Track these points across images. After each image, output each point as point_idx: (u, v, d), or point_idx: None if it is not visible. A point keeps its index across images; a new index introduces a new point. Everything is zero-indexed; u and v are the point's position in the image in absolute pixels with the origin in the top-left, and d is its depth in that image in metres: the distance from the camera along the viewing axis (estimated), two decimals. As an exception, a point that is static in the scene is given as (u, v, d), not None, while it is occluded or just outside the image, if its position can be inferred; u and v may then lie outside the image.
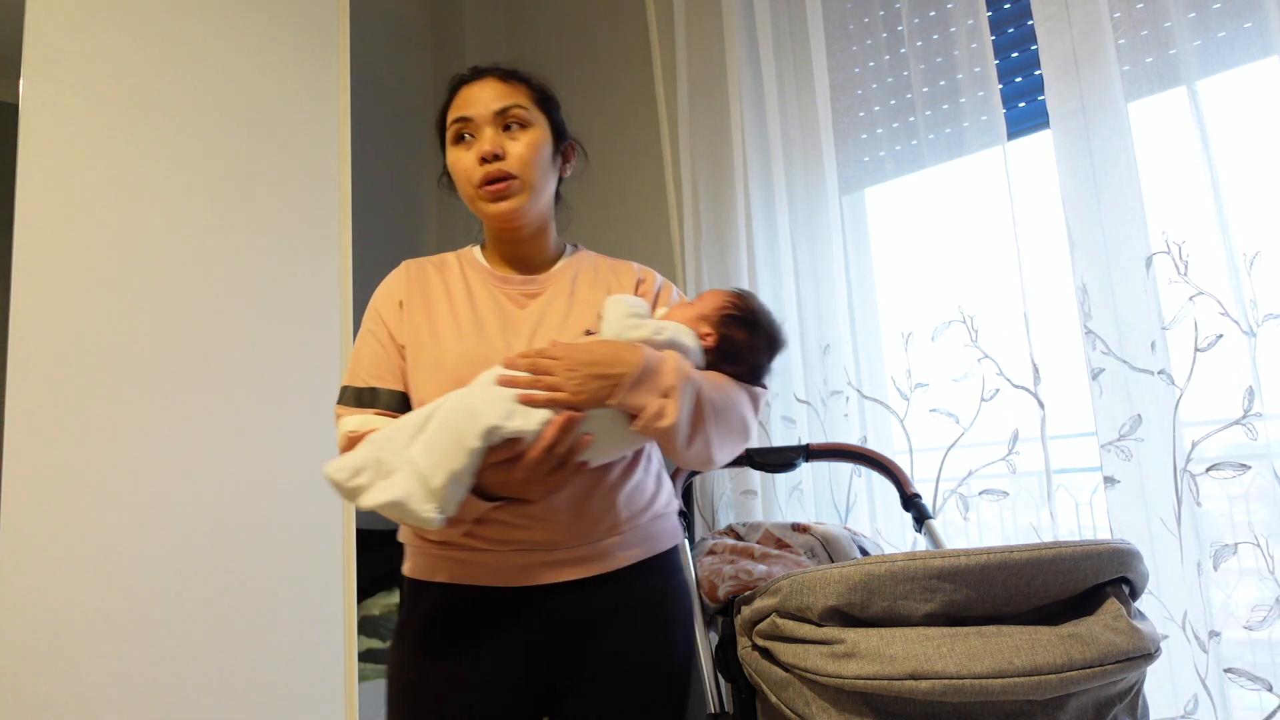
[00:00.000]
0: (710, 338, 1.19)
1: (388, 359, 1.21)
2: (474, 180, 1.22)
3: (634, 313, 1.15)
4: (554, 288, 1.27)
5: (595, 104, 2.75)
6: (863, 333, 1.94)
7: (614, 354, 1.08)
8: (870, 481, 1.88)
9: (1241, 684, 1.35)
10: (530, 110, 1.25)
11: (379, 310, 1.25)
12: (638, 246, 2.58)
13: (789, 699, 1.00)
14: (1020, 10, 1.80)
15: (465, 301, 1.24)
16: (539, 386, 1.05)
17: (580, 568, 1.16)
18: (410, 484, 1.01)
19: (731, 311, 1.22)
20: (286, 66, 1.95)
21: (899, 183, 1.96)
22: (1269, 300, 1.38)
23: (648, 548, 1.22)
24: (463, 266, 1.30)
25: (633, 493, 1.21)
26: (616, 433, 1.10)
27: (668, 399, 1.06)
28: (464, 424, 1.02)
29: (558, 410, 1.04)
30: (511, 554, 1.15)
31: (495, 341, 1.20)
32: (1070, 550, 0.92)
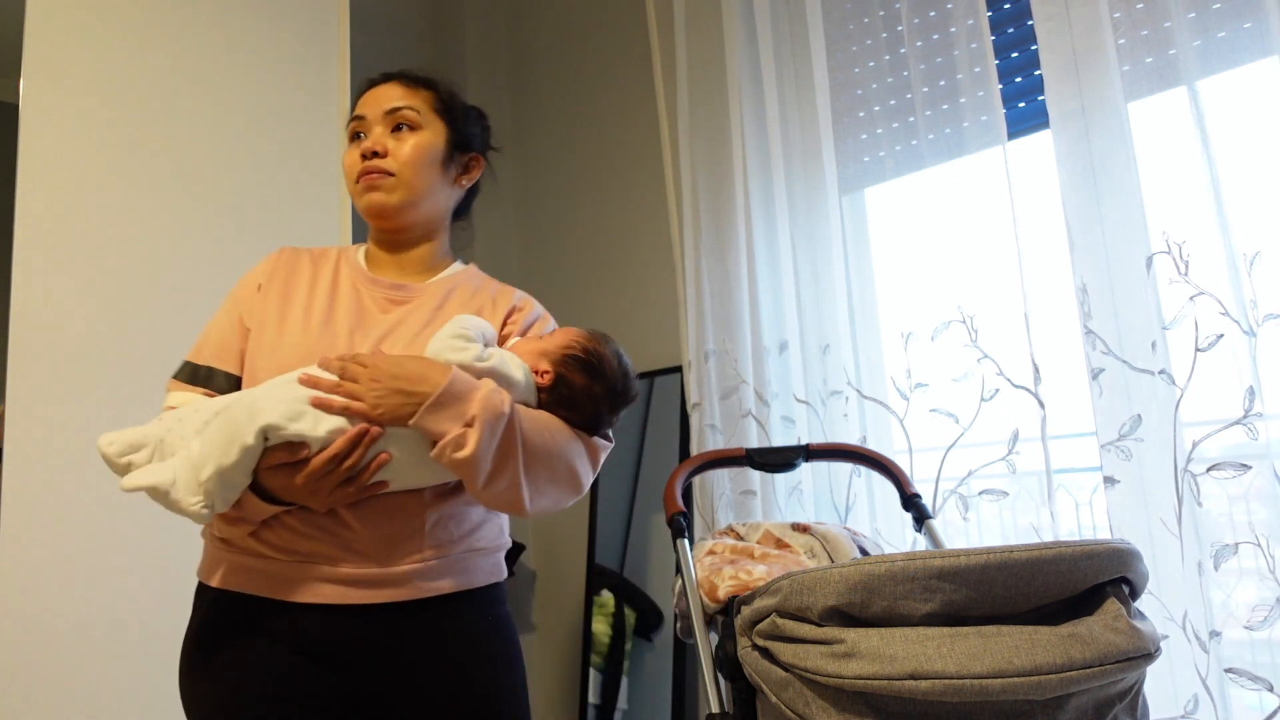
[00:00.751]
0: (547, 376, 1.12)
1: (232, 340, 1.17)
2: (353, 174, 1.22)
3: (461, 334, 1.08)
4: (423, 299, 1.21)
5: (595, 104, 2.75)
6: (863, 333, 1.94)
7: (422, 371, 1.01)
8: (870, 481, 1.88)
9: (1242, 684, 1.35)
10: (424, 114, 1.24)
11: (237, 290, 1.23)
12: (638, 247, 2.58)
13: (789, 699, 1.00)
14: (1020, 10, 1.80)
15: (326, 295, 1.19)
16: (340, 392, 1.00)
17: (371, 592, 1.06)
18: (180, 472, 0.97)
19: (576, 353, 1.14)
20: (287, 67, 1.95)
21: (899, 183, 1.96)
22: (1269, 300, 1.38)
23: (457, 581, 1.12)
24: (339, 261, 1.26)
25: (444, 520, 1.11)
26: (420, 458, 1.02)
27: (470, 429, 0.99)
28: (242, 419, 0.97)
29: (354, 421, 0.99)
30: (293, 564, 1.05)
31: (339, 340, 1.14)
32: (1070, 550, 0.92)
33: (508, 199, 3.04)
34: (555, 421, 1.12)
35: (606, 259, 2.68)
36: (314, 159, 1.96)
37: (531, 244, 2.96)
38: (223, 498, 0.98)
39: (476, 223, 1.38)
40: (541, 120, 2.96)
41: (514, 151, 3.06)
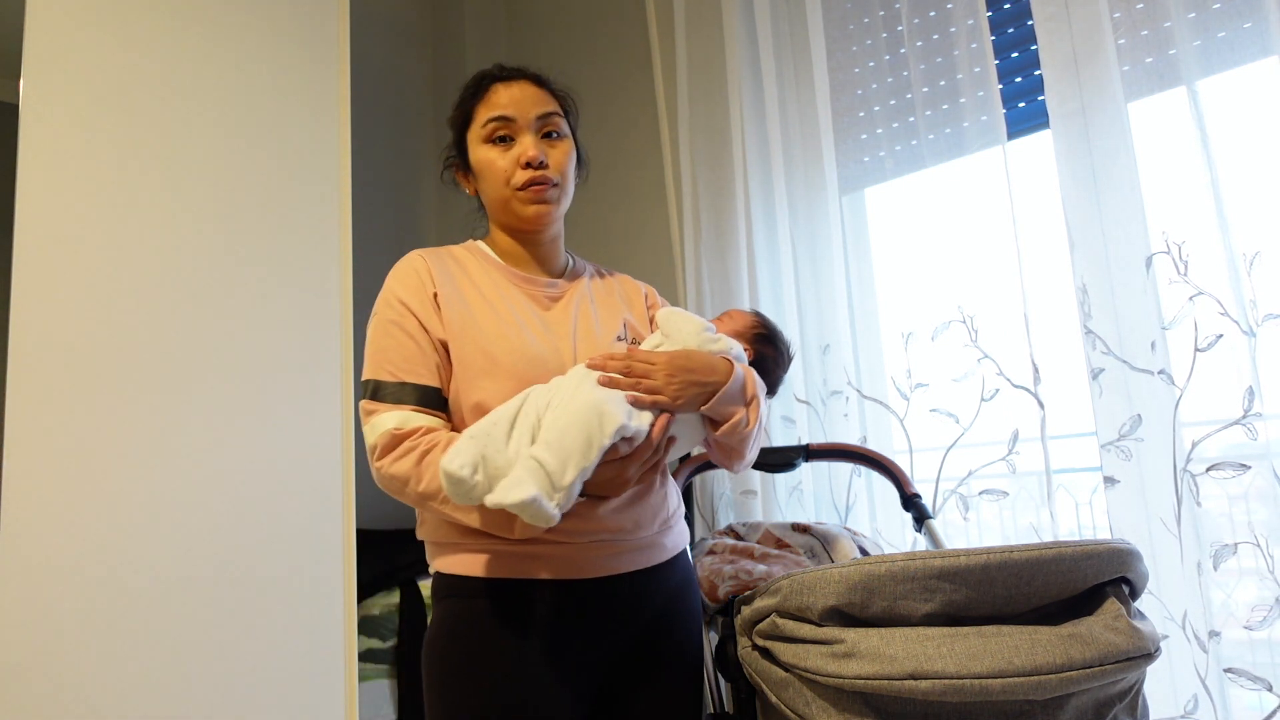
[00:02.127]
0: (748, 352, 1.30)
1: (420, 352, 1.17)
2: (515, 182, 1.23)
3: (707, 327, 1.22)
4: (574, 293, 1.30)
5: (596, 104, 2.75)
6: (863, 333, 1.94)
7: (709, 364, 1.15)
8: (870, 481, 1.88)
9: (1241, 684, 1.35)
10: (564, 121, 1.31)
11: (404, 300, 1.19)
12: (638, 247, 2.58)
13: (789, 699, 1.00)
14: (1020, 10, 1.80)
15: (498, 297, 1.23)
16: (641, 389, 1.10)
17: (644, 556, 1.20)
18: (539, 481, 1.01)
19: (761, 330, 1.35)
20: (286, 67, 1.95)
21: (899, 183, 1.96)
22: (1269, 300, 1.38)
23: (681, 541, 1.29)
24: (479, 262, 1.28)
25: (670, 491, 1.29)
26: (691, 435, 1.17)
27: (750, 409, 1.16)
28: (594, 422, 1.04)
29: (655, 412, 1.10)
30: (590, 545, 1.16)
31: (542, 341, 1.21)
32: (1070, 550, 0.92)
33: (508, 199, 3.03)
34: None
35: (607, 258, 2.67)
36: (314, 159, 1.95)
37: (531, 244, 2.95)
38: (574, 497, 1.04)
39: (476, 222, 1.38)
40: (541, 120, 2.96)
41: (514, 151, 3.05)
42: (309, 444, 1.81)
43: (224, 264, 1.79)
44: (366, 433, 1.15)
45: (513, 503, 0.99)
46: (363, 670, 2.02)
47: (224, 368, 1.75)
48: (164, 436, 1.67)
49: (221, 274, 1.79)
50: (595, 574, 1.16)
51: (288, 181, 1.91)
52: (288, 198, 1.90)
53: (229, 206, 1.82)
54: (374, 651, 2.13)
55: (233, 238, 1.82)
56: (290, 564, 1.75)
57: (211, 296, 1.77)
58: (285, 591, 1.74)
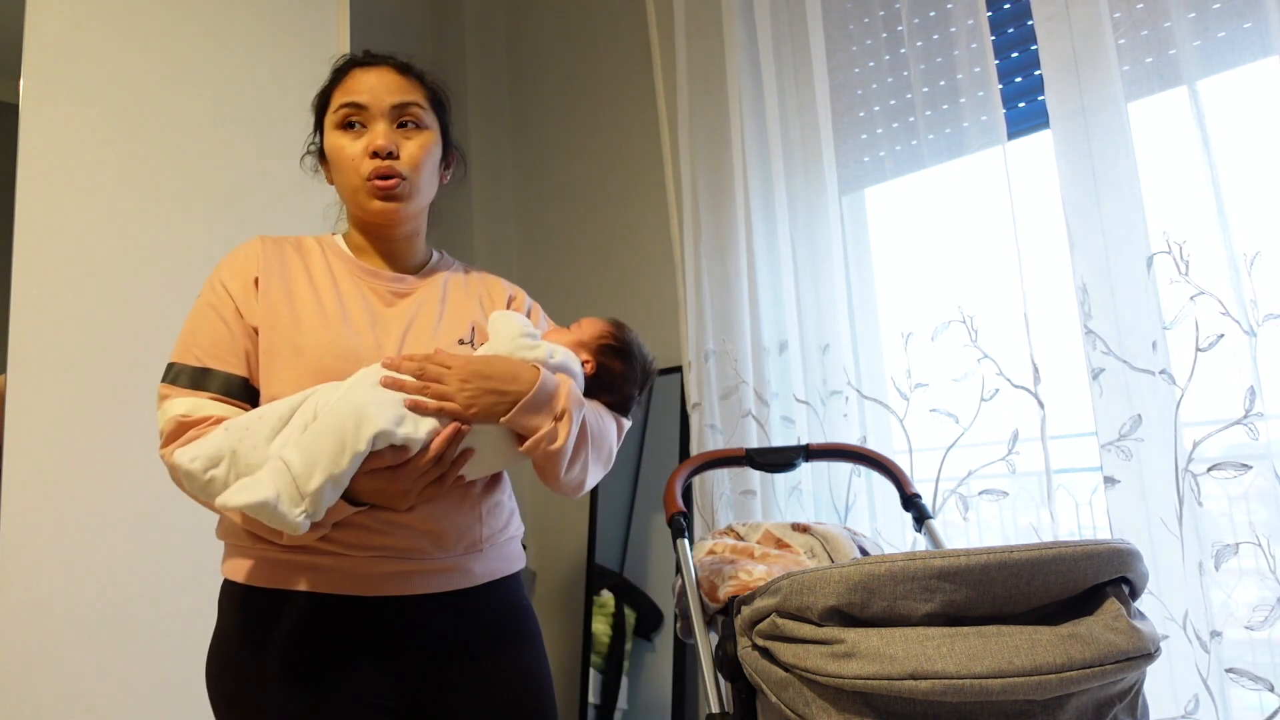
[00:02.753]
0: (589, 365, 1.20)
1: (230, 338, 1.11)
2: (362, 172, 1.15)
3: (526, 331, 1.14)
4: (424, 291, 1.23)
5: (595, 104, 2.75)
6: (863, 333, 1.94)
7: (512, 371, 1.06)
8: (870, 481, 1.88)
9: (1242, 684, 1.35)
10: (426, 111, 1.21)
11: (225, 284, 1.14)
12: (638, 247, 2.58)
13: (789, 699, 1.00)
14: (1020, 10, 1.80)
15: (330, 289, 1.17)
16: (429, 393, 1.01)
17: (442, 580, 1.12)
18: (280, 484, 0.93)
19: (610, 341, 1.23)
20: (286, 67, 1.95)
21: (899, 183, 1.96)
22: (1270, 300, 1.38)
23: (502, 567, 1.20)
24: (325, 253, 1.22)
25: (494, 510, 1.19)
26: (497, 450, 1.07)
27: (559, 423, 1.06)
28: (349, 426, 0.96)
29: (444, 421, 1.01)
30: (371, 560, 1.08)
31: (364, 336, 1.13)
32: (1070, 550, 0.92)
33: (508, 198, 3.04)
34: (600, 405, 1.20)
35: (607, 259, 2.68)
36: (314, 159, 1.96)
37: (532, 244, 2.96)
38: (325, 506, 0.96)
39: (476, 222, 1.39)
40: (542, 120, 2.96)
41: (514, 151, 3.06)
42: (309, 444, 1.81)
43: (224, 264, 1.79)
44: (158, 419, 1.09)
45: (240, 505, 0.91)
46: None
47: (224, 368, 1.75)
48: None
49: (221, 274, 1.79)
50: (366, 591, 1.08)
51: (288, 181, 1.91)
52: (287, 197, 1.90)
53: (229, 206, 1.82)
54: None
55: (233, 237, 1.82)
56: (290, 564, 1.75)
57: (211, 296, 1.77)
58: (285, 592, 1.73)
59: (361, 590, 1.08)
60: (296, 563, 1.08)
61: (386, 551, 1.08)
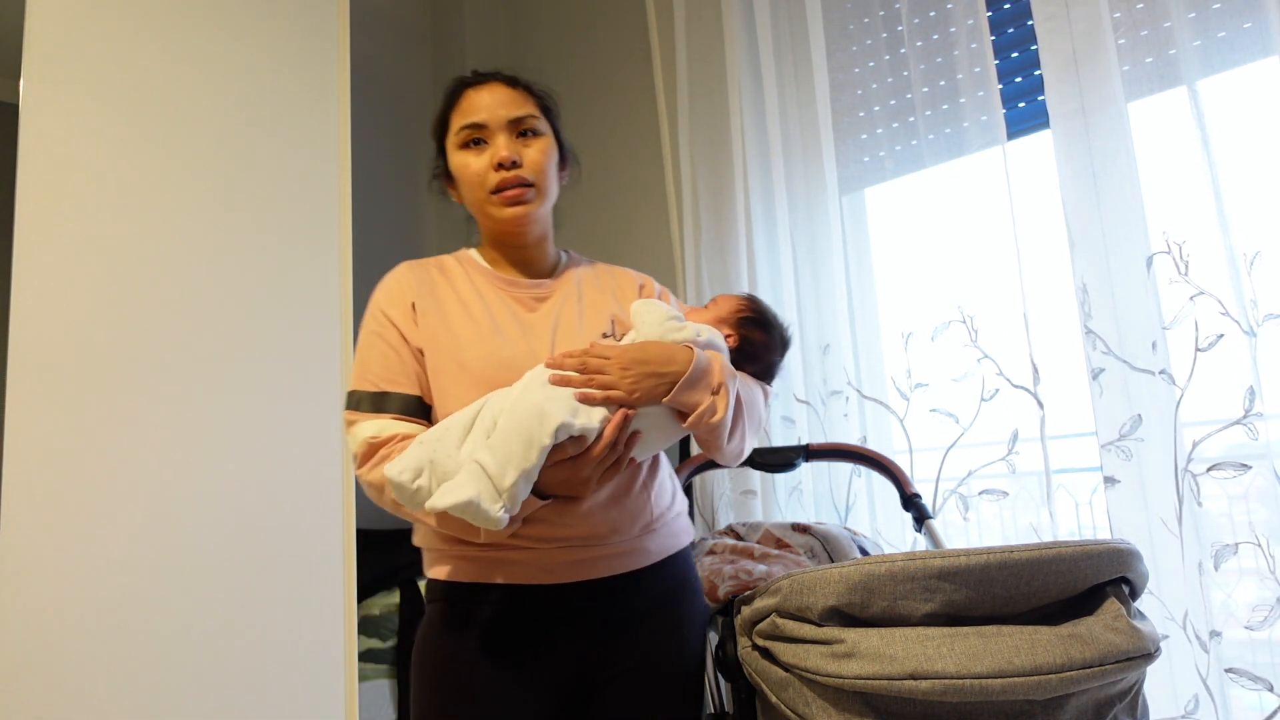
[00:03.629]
0: (732, 338, 1.25)
1: (400, 362, 1.19)
2: (488, 185, 1.22)
3: (672, 315, 1.19)
4: (561, 292, 1.28)
5: (595, 104, 2.75)
6: (863, 333, 1.94)
7: (667, 353, 1.12)
8: (870, 481, 1.88)
9: (1242, 684, 1.35)
10: (540, 120, 1.27)
11: (386, 312, 1.22)
12: (638, 246, 2.58)
13: (789, 699, 1.00)
14: (1020, 10, 1.80)
15: (478, 304, 1.23)
16: (593, 385, 1.07)
17: (622, 562, 1.18)
18: (479, 484, 1.00)
19: (749, 314, 1.29)
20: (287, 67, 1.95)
21: (899, 183, 1.96)
22: (1269, 300, 1.38)
23: (673, 544, 1.25)
24: (465, 270, 1.28)
25: (660, 490, 1.24)
26: (663, 429, 1.13)
27: (718, 396, 1.12)
28: (533, 423, 1.03)
29: (612, 409, 1.07)
30: (559, 550, 1.15)
31: (517, 344, 1.20)
32: (1070, 550, 0.92)
33: (508, 199, 3.03)
34: (747, 377, 1.24)
35: (607, 258, 2.67)
36: (314, 159, 1.95)
37: (531, 244, 2.95)
38: (519, 500, 1.02)
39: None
40: (541, 120, 2.96)
41: (514, 151, 3.05)
42: (309, 444, 1.81)
43: (224, 264, 1.79)
44: (349, 443, 1.17)
45: (447, 506, 0.99)
46: (363, 670, 2.02)
47: (223, 368, 1.75)
48: (164, 436, 1.67)
49: (221, 274, 1.79)
50: (556, 580, 1.15)
51: (288, 181, 1.91)
52: (288, 197, 1.90)
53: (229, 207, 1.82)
54: (374, 651, 2.13)
55: (233, 238, 1.82)
56: (290, 564, 1.75)
57: (211, 297, 1.77)
58: (285, 591, 1.74)
59: (551, 579, 1.15)
60: (492, 559, 1.16)
61: (571, 541, 1.15)
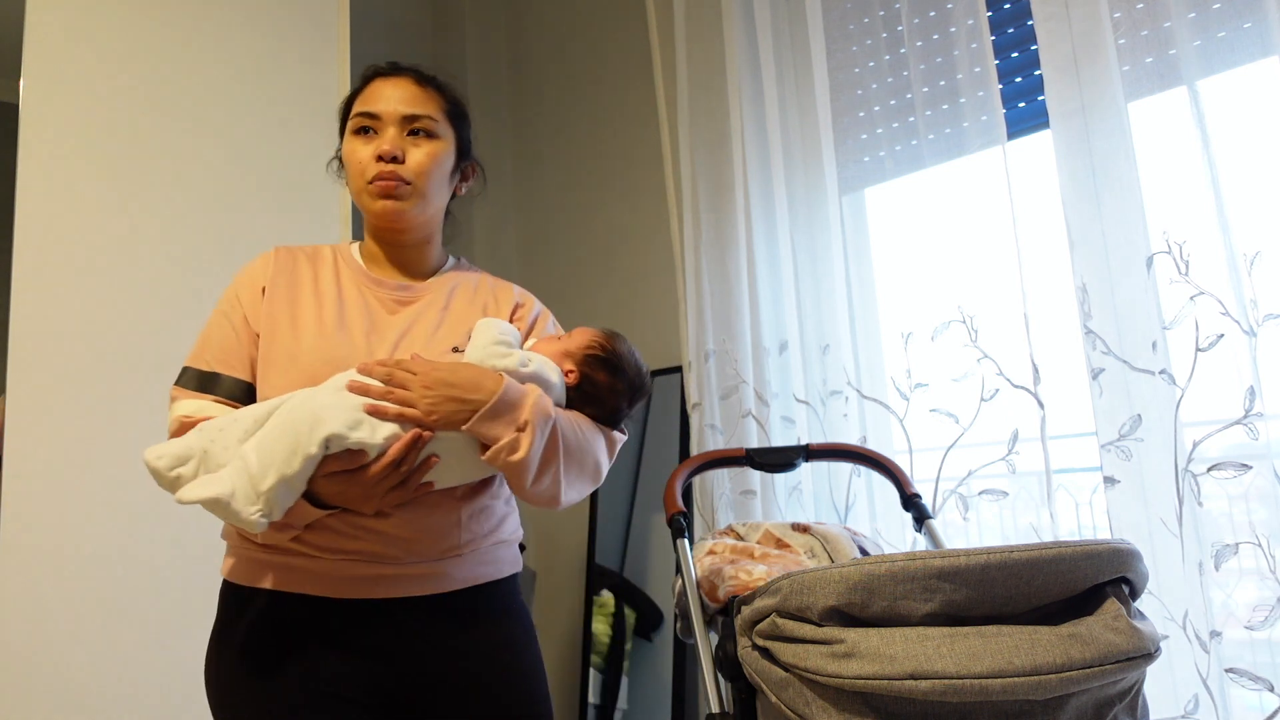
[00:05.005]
0: (573, 375, 1.18)
1: (237, 344, 1.15)
2: (366, 175, 1.19)
3: (502, 340, 1.13)
4: (428, 298, 1.24)
5: (595, 104, 2.75)
6: (863, 333, 1.94)
7: (475, 379, 1.05)
8: (870, 481, 1.88)
9: (1242, 684, 1.35)
10: (439, 123, 1.23)
11: (237, 293, 1.19)
12: (638, 246, 2.58)
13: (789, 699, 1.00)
14: (1020, 10, 1.80)
15: (333, 298, 1.19)
16: (392, 399, 1.02)
17: (414, 585, 1.12)
18: (236, 482, 0.96)
19: (597, 352, 1.21)
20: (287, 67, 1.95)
21: (899, 183, 1.96)
22: (1269, 300, 1.38)
23: (486, 572, 1.18)
24: (337, 261, 1.25)
25: (477, 515, 1.17)
26: (465, 459, 1.07)
27: (522, 433, 1.04)
28: (304, 428, 0.98)
29: (406, 427, 1.01)
30: (341, 563, 1.09)
31: (357, 343, 1.15)
32: (1070, 550, 0.92)
33: (508, 199, 3.04)
34: (582, 418, 1.17)
35: (606, 259, 2.68)
36: (314, 159, 1.96)
37: (531, 244, 2.96)
38: (281, 506, 0.98)
39: (476, 222, 1.39)
40: (541, 120, 2.96)
41: (514, 151, 3.06)
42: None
43: (223, 263, 1.79)
44: (168, 418, 1.13)
45: (195, 499, 0.95)
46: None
47: (224, 368, 1.75)
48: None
49: (221, 273, 1.79)
50: (331, 593, 1.09)
51: (288, 181, 1.91)
52: (288, 197, 1.90)
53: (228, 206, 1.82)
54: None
55: (232, 237, 1.82)
56: (290, 564, 1.75)
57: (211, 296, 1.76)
58: (285, 592, 1.73)
59: (326, 591, 1.10)
60: (267, 561, 1.11)
61: (357, 555, 1.09)
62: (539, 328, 1.29)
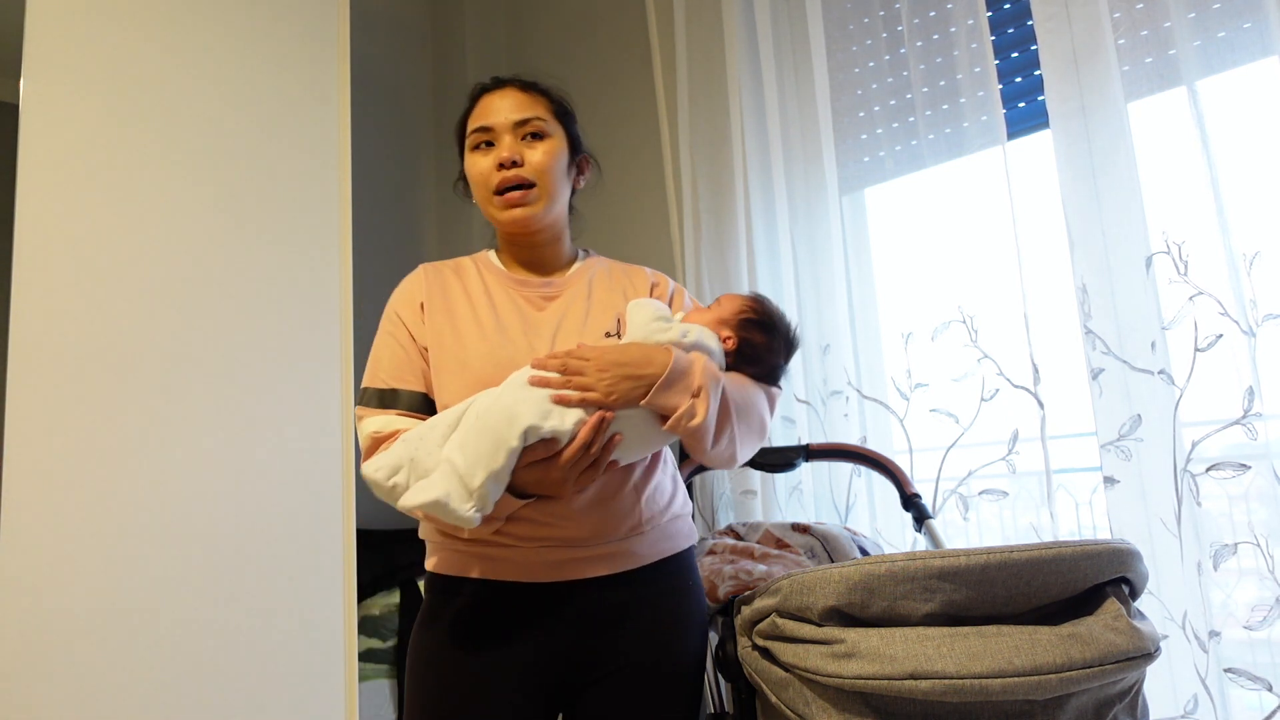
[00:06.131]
0: (730, 340, 1.23)
1: (408, 360, 1.22)
2: (491, 185, 1.24)
3: (660, 315, 1.18)
4: (571, 291, 1.30)
5: (595, 104, 2.75)
6: (863, 333, 1.94)
7: (645, 355, 1.11)
8: (870, 481, 1.88)
9: (1241, 684, 1.35)
10: (549, 122, 1.28)
11: (398, 312, 1.26)
12: (638, 246, 2.58)
13: (789, 699, 1.00)
14: (1020, 10, 1.80)
15: (485, 304, 1.26)
16: (571, 387, 1.07)
17: (605, 564, 1.18)
18: (449, 483, 1.02)
19: (750, 315, 1.26)
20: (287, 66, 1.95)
21: (899, 183, 1.96)
22: (1269, 300, 1.38)
23: (666, 547, 1.24)
24: (479, 270, 1.32)
25: (654, 493, 1.24)
26: (645, 432, 1.12)
27: (698, 399, 1.10)
28: (502, 424, 1.04)
29: (590, 410, 1.07)
30: (541, 550, 1.16)
31: (518, 343, 1.21)
32: (1070, 550, 0.92)
33: (508, 199, 3.03)
34: (744, 378, 1.22)
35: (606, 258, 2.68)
36: (315, 158, 1.96)
37: (531, 244, 2.95)
38: (491, 500, 1.04)
39: (474, 222, 1.40)
40: (541, 120, 2.96)
41: (514, 151, 3.05)
42: (309, 444, 1.81)
43: (224, 264, 1.79)
44: (358, 438, 1.21)
45: (417, 504, 1.01)
46: (363, 670, 2.02)
47: (224, 368, 1.75)
48: (164, 436, 1.67)
49: (221, 274, 1.79)
50: (533, 578, 1.17)
51: (288, 181, 1.91)
52: (288, 198, 1.90)
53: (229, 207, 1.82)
54: (374, 651, 2.13)
55: (233, 238, 1.82)
56: (290, 564, 1.75)
57: (211, 297, 1.77)
58: (285, 591, 1.74)
59: (529, 577, 1.17)
60: (473, 553, 1.18)
61: (553, 541, 1.16)
62: (678, 301, 1.34)
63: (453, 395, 1.17)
